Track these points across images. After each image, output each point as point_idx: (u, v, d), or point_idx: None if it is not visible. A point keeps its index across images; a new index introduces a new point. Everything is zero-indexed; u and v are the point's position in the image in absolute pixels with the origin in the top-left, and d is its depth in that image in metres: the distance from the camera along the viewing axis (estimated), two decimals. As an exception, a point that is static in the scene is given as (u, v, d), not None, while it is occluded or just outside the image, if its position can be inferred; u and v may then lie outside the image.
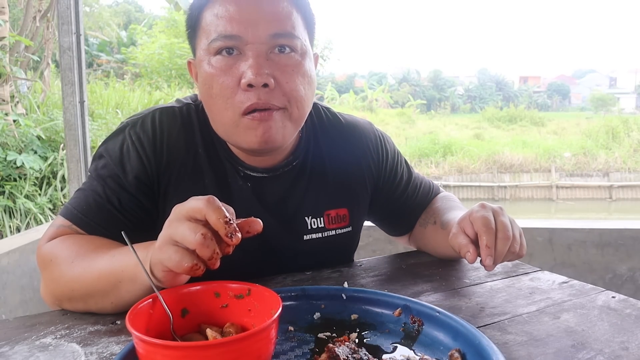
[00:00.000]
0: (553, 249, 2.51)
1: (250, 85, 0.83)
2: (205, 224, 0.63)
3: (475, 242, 0.87)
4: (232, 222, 0.62)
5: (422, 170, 17.48)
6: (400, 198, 1.16)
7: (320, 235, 1.03)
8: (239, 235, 0.62)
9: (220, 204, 0.63)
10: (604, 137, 19.68)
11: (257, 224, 0.66)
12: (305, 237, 1.02)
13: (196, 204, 0.63)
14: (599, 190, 17.06)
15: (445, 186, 16.78)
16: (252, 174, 0.98)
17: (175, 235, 0.63)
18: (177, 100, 1.03)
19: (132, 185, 0.92)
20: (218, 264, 0.63)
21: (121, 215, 0.91)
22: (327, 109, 1.13)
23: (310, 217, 1.02)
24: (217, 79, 0.86)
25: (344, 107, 26.56)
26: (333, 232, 1.05)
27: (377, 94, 31.12)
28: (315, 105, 1.10)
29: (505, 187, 17.20)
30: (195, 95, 1.03)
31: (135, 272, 0.73)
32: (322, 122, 1.09)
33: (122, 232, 0.69)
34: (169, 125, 0.95)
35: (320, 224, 1.03)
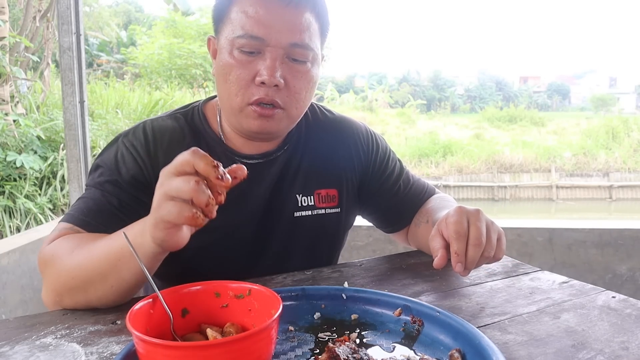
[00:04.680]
0: (553, 249, 2.51)
1: (262, 83, 0.92)
2: (195, 173, 0.65)
3: (448, 247, 0.87)
4: (219, 165, 0.64)
5: (422, 170, 17.48)
6: (390, 190, 1.19)
7: (310, 212, 1.09)
8: (229, 177, 0.64)
9: (203, 152, 0.65)
10: (604, 137, 19.68)
11: (242, 169, 0.67)
12: (295, 214, 1.07)
13: (182, 157, 0.65)
14: (599, 190, 17.06)
15: (445, 186, 16.79)
16: (248, 161, 1.04)
17: (170, 191, 0.65)
18: (165, 113, 1.11)
19: (129, 184, 0.96)
20: (215, 212, 0.65)
21: (122, 214, 0.93)
22: (323, 106, 1.22)
23: (301, 195, 1.09)
24: (236, 70, 0.94)
25: (344, 107, 26.55)
26: (323, 211, 1.10)
27: (377, 94, 31.11)
28: (311, 104, 1.18)
29: (505, 187, 17.20)
30: (184, 106, 1.12)
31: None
32: (315, 115, 1.18)
33: (124, 233, 0.69)
34: (160, 132, 1.03)
35: (311, 202, 1.09)
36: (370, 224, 1.27)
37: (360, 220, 1.28)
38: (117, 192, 0.94)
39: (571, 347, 0.68)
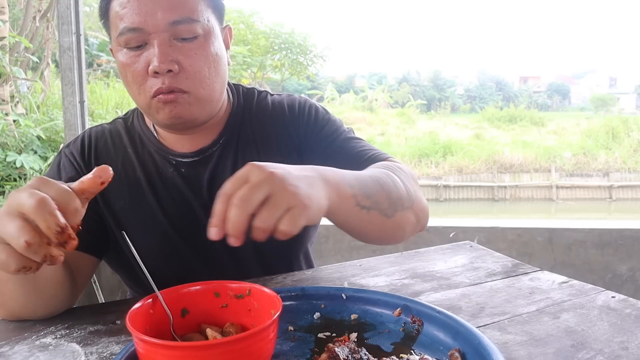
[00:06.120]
0: (553, 249, 2.51)
1: (156, 73, 0.89)
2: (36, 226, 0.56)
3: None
4: (66, 228, 0.56)
5: (422, 170, 17.47)
6: (328, 148, 1.05)
7: None
8: (75, 242, 0.56)
9: (53, 205, 0.56)
10: (604, 137, 19.66)
11: (107, 170, 0.61)
12: None
13: (28, 202, 0.56)
14: (599, 190, 17.04)
15: (445, 186, 16.81)
16: (183, 160, 1.03)
17: (3, 233, 0.57)
18: (109, 122, 1.13)
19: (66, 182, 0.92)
20: (60, 261, 0.57)
21: None
22: (268, 91, 1.14)
23: None
24: (130, 68, 0.92)
25: (344, 107, 26.55)
26: None
27: (377, 94, 31.09)
28: (252, 90, 1.13)
29: (505, 187, 17.18)
30: (127, 111, 1.13)
31: None
32: (252, 100, 1.10)
33: (123, 232, 0.69)
34: (96, 138, 1.06)
35: None
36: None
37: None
38: None
39: (571, 347, 0.68)
